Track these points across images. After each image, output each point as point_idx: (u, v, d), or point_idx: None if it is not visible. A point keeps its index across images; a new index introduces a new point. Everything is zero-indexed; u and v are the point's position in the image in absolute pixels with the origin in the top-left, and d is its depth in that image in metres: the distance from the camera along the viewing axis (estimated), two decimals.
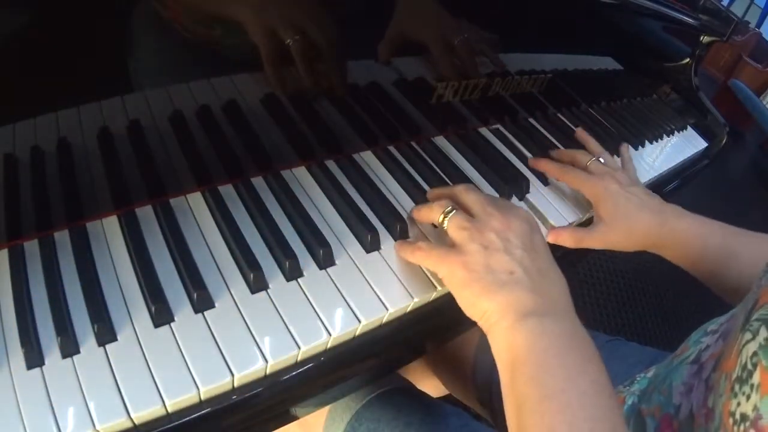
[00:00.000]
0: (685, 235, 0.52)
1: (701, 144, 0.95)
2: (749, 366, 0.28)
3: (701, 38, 0.99)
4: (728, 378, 0.30)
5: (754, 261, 0.49)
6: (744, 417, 0.27)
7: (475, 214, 0.41)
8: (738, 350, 0.30)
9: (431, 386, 0.76)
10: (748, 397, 0.27)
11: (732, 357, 0.30)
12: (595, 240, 0.53)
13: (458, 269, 0.38)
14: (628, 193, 0.53)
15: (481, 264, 0.38)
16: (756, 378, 0.27)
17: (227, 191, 0.44)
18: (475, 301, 0.37)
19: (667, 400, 0.40)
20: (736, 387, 0.29)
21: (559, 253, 0.55)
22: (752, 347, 0.28)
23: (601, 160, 0.58)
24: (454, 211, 0.41)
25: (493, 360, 0.37)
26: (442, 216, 0.41)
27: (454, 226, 0.40)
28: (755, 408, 0.26)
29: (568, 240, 0.53)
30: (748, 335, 0.29)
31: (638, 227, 0.52)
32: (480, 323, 0.38)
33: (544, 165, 0.58)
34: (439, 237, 0.46)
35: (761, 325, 0.28)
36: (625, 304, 1.51)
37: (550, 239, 0.52)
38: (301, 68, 0.42)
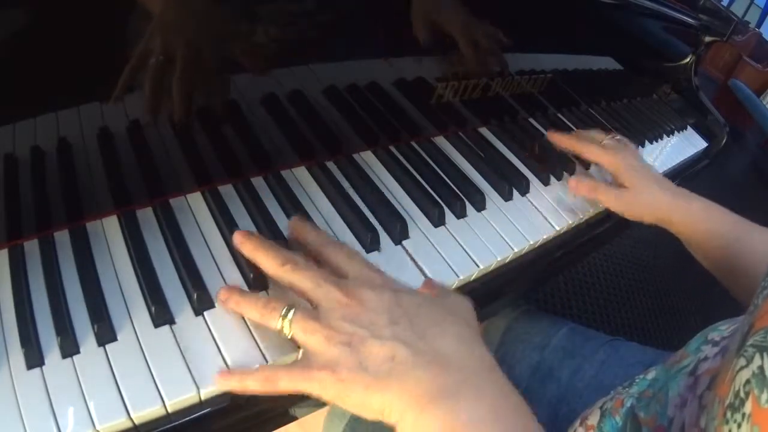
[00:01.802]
0: (697, 215, 0.54)
1: (701, 144, 0.95)
2: (741, 394, 0.28)
3: (701, 38, 0.98)
4: (721, 403, 0.30)
5: (759, 254, 0.50)
6: None
7: (316, 301, 0.33)
8: (732, 376, 0.29)
9: None
10: (739, 426, 0.27)
11: (726, 382, 0.30)
12: (614, 200, 0.56)
13: (328, 383, 0.30)
14: (645, 169, 0.57)
15: (351, 366, 0.30)
16: (747, 407, 0.27)
17: (227, 191, 0.44)
18: (364, 403, 0.30)
19: (663, 410, 0.40)
20: (728, 414, 0.28)
21: (559, 254, 0.55)
22: (746, 374, 0.28)
23: (617, 138, 0.61)
24: (292, 310, 0.32)
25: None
26: (280, 321, 0.32)
27: (299, 331, 0.32)
28: None
29: (587, 189, 0.56)
30: (742, 361, 0.29)
31: (654, 199, 0.54)
32: (385, 422, 0.31)
33: (563, 139, 0.61)
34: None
35: (756, 352, 0.28)
36: (625, 304, 1.51)
37: (570, 183, 0.56)
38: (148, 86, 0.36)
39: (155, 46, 0.34)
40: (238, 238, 0.36)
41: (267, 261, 0.35)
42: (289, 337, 0.33)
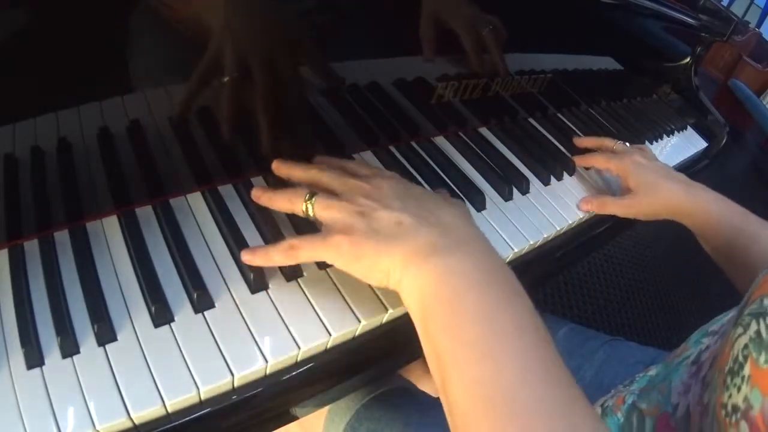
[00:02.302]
0: (706, 207, 0.55)
1: (701, 144, 0.96)
2: (740, 359, 0.28)
3: (701, 38, 0.99)
4: (721, 372, 0.30)
5: (764, 248, 0.51)
6: (735, 408, 0.28)
7: (338, 189, 0.38)
8: (731, 345, 0.30)
9: (431, 386, 0.76)
10: (739, 389, 0.28)
11: (725, 352, 0.30)
12: (625, 207, 0.57)
13: (344, 246, 0.34)
14: (654, 165, 0.58)
15: (363, 229, 0.34)
16: (746, 370, 0.27)
17: (227, 191, 0.44)
18: (372, 265, 0.34)
19: (666, 399, 0.41)
20: (728, 380, 0.29)
21: (559, 254, 0.55)
22: (743, 341, 0.29)
23: (627, 144, 0.62)
24: (315, 195, 0.37)
25: None
26: (303, 204, 0.37)
27: (320, 208, 0.36)
28: (746, 399, 0.27)
29: (594, 206, 0.57)
30: (739, 329, 0.29)
31: (664, 195, 0.55)
32: (390, 286, 0.34)
33: (577, 160, 0.63)
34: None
35: (752, 319, 0.29)
36: (626, 303, 1.51)
37: (582, 207, 0.58)
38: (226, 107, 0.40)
39: (226, 63, 0.37)
40: (274, 165, 0.43)
41: (298, 170, 0.41)
42: (312, 215, 0.37)
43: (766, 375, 0.26)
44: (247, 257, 0.37)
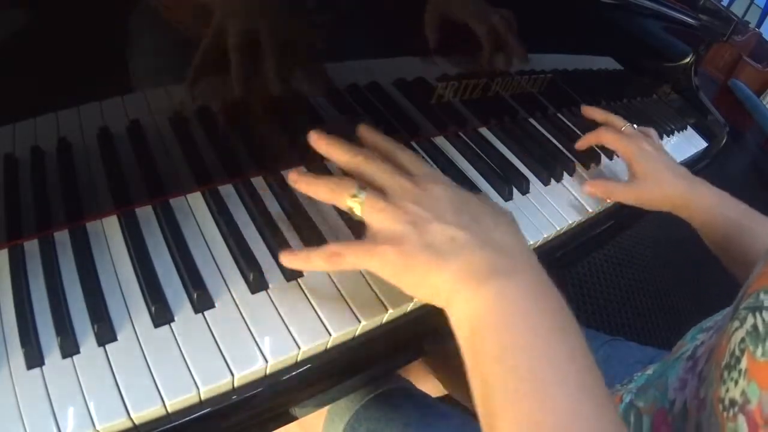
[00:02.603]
0: (709, 201, 0.55)
1: (701, 144, 0.95)
2: (737, 353, 0.28)
3: (701, 38, 0.98)
4: (718, 366, 0.30)
5: (764, 243, 0.51)
6: (733, 402, 0.27)
7: (387, 188, 0.35)
8: (728, 339, 0.30)
9: (431, 386, 0.76)
10: (736, 383, 0.28)
11: (722, 346, 0.30)
12: (627, 193, 0.57)
13: (391, 256, 0.32)
14: (660, 156, 0.57)
15: (415, 242, 0.32)
16: (743, 364, 0.27)
17: (227, 191, 0.44)
18: (421, 280, 0.32)
19: (662, 395, 0.41)
20: (725, 374, 0.29)
21: (559, 254, 0.55)
22: (740, 334, 0.29)
23: (634, 126, 0.61)
24: (363, 192, 0.34)
25: None
26: (350, 200, 0.34)
27: (368, 210, 0.34)
28: (743, 393, 0.27)
29: (601, 190, 0.57)
30: (736, 323, 0.29)
31: (669, 187, 0.55)
32: (436, 303, 0.33)
33: (583, 140, 0.62)
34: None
35: (748, 313, 0.29)
36: (625, 303, 1.51)
37: (586, 190, 0.57)
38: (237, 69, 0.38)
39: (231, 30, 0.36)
40: (313, 137, 0.39)
41: (342, 153, 0.38)
42: (358, 214, 0.34)
43: (763, 368, 0.26)
44: (286, 259, 0.35)
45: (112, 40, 0.34)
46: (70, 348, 0.31)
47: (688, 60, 1.03)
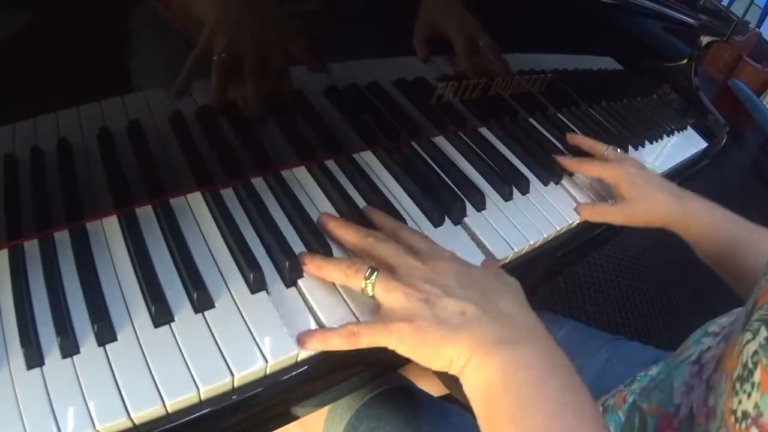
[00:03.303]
0: (699, 216, 0.56)
1: (701, 144, 0.95)
2: (750, 365, 0.28)
3: (701, 38, 0.98)
4: (729, 377, 0.30)
5: (761, 253, 0.51)
6: (745, 415, 0.28)
7: (396, 268, 0.38)
8: (739, 350, 0.30)
9: (431, 385, 0.76)
10: (749, 395, 0.28)
11: (733, 357, 0.30)
12: (617, 215, 0.57)
13: (406, 333, 0.34)
14: (646, 175, 0.58)
15: (428, 318, 0.34)
16: (757, 376, 0.27)
17: (227, 191, 0.44)
18: (436, 353, 0.34)
19: (668, 399, 0.41)
20: (737, 386, 0.29)
21: (559, 254, 0.55)
22: (753, 347, 0.29)
23: (617, 150, 0.63)
24: (375, 273, 0.37)
25: None
26: (364, 282, 0.37)
27: (381, 290, 0.36)
28: (756, 406, 0.27)
29: (591, 214, 0.57)
30: (748, 335, 0.29)
31: (658, 205, 0.56)
32: (451, 372, 0.35)
33: (565, 162, 0.62)
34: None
35: (761, 325, 0.29)
36: (626, 303, 1.51)
37: (579, 214, 0.58)
38: (215, 82, 0.39)
39: (218, 43, 0.36)
40: (322, 219, 0.43)
41: (351, 235, 0.41)
42: (370, 295, 0.37)
43: None
44: (304, 340, 0.36)
45: (113, 40, 0.34)
46: (70, 348, 0.31)
47: (688, 60, 1.03)
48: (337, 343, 0.36)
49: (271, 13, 0.39)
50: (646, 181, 0.57)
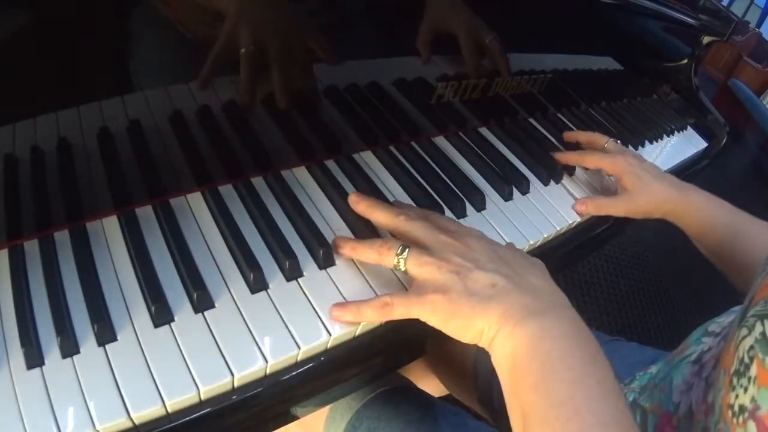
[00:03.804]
0: (699, 206, 0.56)
1: (701, 144, 0.95)
2: (746, 360, 0.29)
3: (701, 38, 0.98)
4: (727, 373, 0.30)
5: (758, 245, 0.52)
6: (742, 409, 0.28)
7: (429, 245, 0.38)
8: (735, 346, 0.30)
9: (431, 386, 0.76)
10: (746, 390, 0.28)
11: (730, 352, 0.31)
12: (617, 207, 0.58)
13: (439, 304, 0.36)
14: (646, 166, 0.59)
15: (460, 290, 0.35)
16: (753, 371, 0.28)
17: (227, 191, 0.44)
18: (467, 324, 0.35)
19: (667, 397, 0.41)
20: (734, 380, 0.29)
21: (559, 254, 0.55)
22: (749, 342, 0.29)
23: (618, 141, 0.63)
24: (407, 249, 0.38)
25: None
26: (396, 259, 0.38)
27: (414, 264, 0.37)
28: (753, 399, 0.27)
29: (592, 207, 0.58)
30: (744, 331, 0.30)
31: (659, 196, 0.56)
32: (480, 344, 0.36)
33: (566, 157, 0.62)
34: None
35: (757, 321, 0.29)
36: (625, 304, 1.51)
37: (577, 208, 0.58)
38: (245, 76, 0.40)
39: (243, 37, 0.37)
40: (353, 198, 0.43)
41: (383, 214, 0.41)
42: (403, 270, 0.38)
43: None
44: (337, 313, 0.37)
45: (113, 40, 0.34)
46: (70, 348, 0.31)
47: (687, 60, 1.03)
48: (370, 315, 0.37)
49: (280, 12, 0.39)
50: (646, 172, 0.57)
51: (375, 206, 0.42)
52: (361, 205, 0.43)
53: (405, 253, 0.37)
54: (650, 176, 0.57)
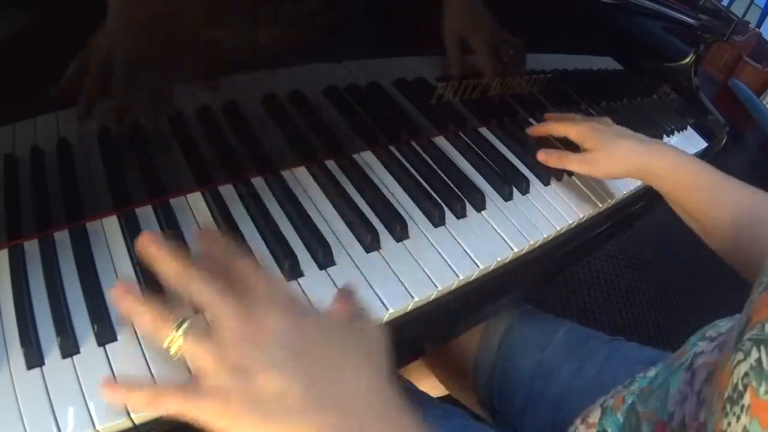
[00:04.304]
0: (665, 158, 0.55)
1: (701, 144, 0.95)
2: (740, 387, 0.28)
3: (701, 38, 0.99)
4: (720, 397, 0.30)
5: (736, 203, 0.52)
6: None
7: (214, 318, 0.29)
8: (730, 370, 0.29)
9: (431, 386, 0.76)
10: (738, 418, 0.27)
11: (724, 375, 0.30)
12: (581, 164, 0.57)
13: (217, 409, 0.27)
14: (612, 127, 0.59)
15: (239, 398, 0.27)
16: (746, 399, 0.27)
17: (227, 191, 0.44)
18: None
19: (663, 405, 0.40)
20: (728, 407, 0.29)
21: (559, 254, 0.55)
22: (743, 368, 0.28)
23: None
24: (186, 323, 0.28)
25: (494, 360, 0.37)
26: (171, 335, 0.28)
27: (190, 348, 0.28)
28: (745, 429, 0.27)
29: (554, 159, 0.58)
30: (740, 355, 0.29)
31: (622, 151, 0.56)
32: None
33: (535, 129, 0.63)
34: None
35: (753, 346, 0.28)
36: (625, 304, 1.51)
37: (540, 157, 0.58)
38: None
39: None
40: (142, 240, 0.30)
41: (168, 266, 0.30)
42: (174, 355, 0.28)
43: (765, 407, 0.26)
44: (105, 389, 0.29)
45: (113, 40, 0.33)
46: (70, 348, 0.31)
47: (688, 60, 1.03)
48: (138, 405, 0.29)
49: (277, 14, 0.39)
50: (609, 132, 0.57)
51: (164, 253, 0.30)
52: (150, 249, 0.30)
53: (182, 329, 0.28)
54: (614, 134, 0.57)
